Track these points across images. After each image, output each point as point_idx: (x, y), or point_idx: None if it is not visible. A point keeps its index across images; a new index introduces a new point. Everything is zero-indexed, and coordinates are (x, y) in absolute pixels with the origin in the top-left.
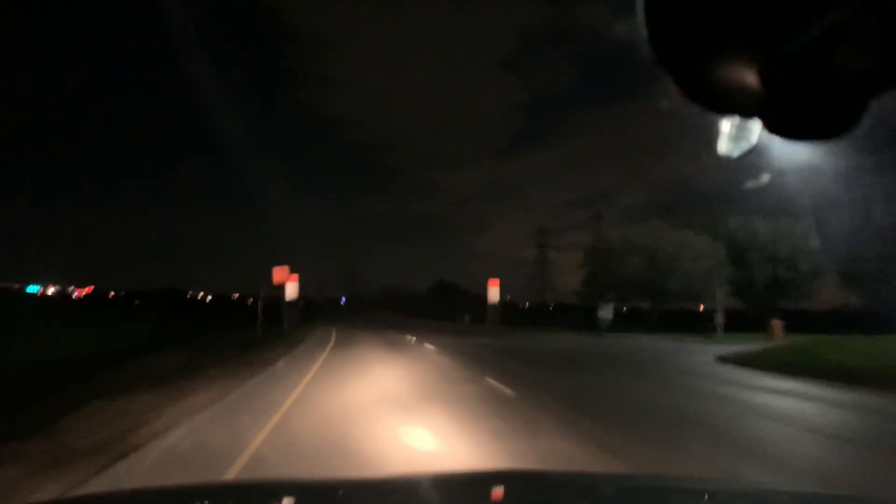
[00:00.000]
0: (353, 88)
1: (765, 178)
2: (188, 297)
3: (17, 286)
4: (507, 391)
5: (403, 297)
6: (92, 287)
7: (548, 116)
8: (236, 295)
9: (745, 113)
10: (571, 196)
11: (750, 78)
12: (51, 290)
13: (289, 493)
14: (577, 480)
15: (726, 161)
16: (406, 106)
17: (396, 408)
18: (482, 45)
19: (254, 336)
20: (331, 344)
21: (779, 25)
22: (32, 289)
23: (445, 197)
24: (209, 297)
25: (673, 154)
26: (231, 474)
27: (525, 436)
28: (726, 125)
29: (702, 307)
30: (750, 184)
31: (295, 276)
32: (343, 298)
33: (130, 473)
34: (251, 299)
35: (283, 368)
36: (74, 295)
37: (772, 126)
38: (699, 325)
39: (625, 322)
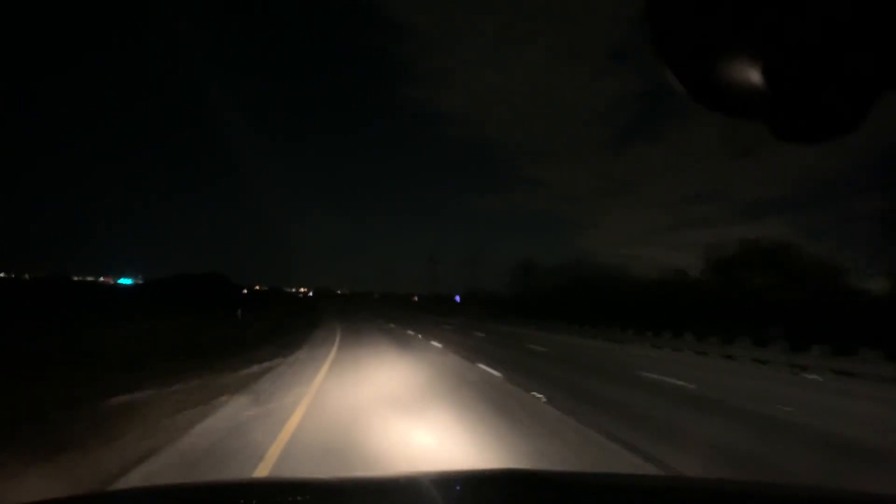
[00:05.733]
0: (460, 84)
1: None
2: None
3: (108, 279)
4: None
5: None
6: None
7: (661, 108)
8: (340, 290)
9: (750, 114)
10: (688, 191)
11: (754, 77)
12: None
13: (290, 492)
14: (581, 481)
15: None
16: (513, 100)
17: None
18: (592, 35)
19: None
20: None
21: (783, 24)
22: (125, 281)
23: (552, 192)
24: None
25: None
26: None
27: None
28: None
29: None
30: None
31: None
32: (457, 297)
33: None
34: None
35: None
36: None
37: (776, 129)
38: None
39: None
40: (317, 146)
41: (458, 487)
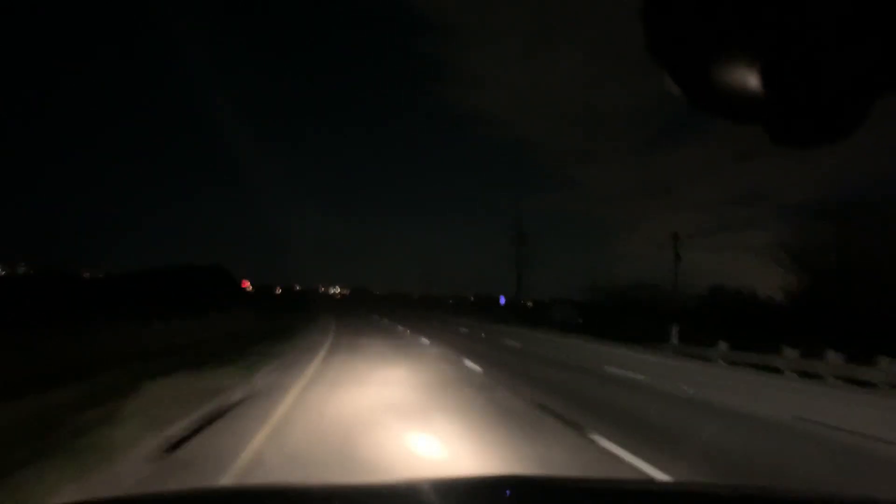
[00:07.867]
0: (493, 82)
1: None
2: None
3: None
4: None
5: None
6: None
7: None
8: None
9: (749, 118)
10: (728, 193)
11: (752, 80)
12: None
13: (287, 499)
14: (582, 486)
15: None
16: (549, 100)
17: None
18: (629, 30)
19: None
20: None
21: (781, 26)
22: None
23: (590, 194)
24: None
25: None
26: None
27: None
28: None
29: None
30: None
31: None
32: (502, 298)
33: None
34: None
35: None
36: None
37: (774, 132)
38: None
39: None
40: (340, 142)
41: (458, 494)
